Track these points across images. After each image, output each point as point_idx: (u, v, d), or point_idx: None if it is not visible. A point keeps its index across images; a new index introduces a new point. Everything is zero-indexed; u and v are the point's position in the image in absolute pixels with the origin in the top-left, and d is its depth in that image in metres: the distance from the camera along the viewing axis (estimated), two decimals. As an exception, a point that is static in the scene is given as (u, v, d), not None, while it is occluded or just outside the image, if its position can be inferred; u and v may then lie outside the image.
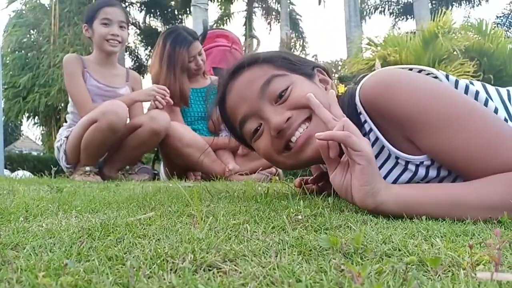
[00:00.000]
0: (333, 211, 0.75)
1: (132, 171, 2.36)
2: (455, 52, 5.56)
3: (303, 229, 0.60)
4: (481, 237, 0.58)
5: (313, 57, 11.90)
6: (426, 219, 0.70)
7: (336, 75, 9.82)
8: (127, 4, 12.43)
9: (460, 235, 0.59)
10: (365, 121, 0.86)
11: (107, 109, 2.05)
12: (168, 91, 2.27)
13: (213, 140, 2.38)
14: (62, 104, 9.74)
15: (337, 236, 0.52)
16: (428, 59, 5.83)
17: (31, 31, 11.01)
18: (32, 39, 10.88)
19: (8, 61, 10.23)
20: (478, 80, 2.40)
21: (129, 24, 2.55)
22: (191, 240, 0.52)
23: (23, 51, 10.50)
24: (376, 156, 0.88)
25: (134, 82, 2.54)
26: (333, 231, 0.60)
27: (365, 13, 15.07)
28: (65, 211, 0.79)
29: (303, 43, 14.50)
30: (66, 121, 2.45)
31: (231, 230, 0.59)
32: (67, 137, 2.26)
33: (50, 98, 9.71)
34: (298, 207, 0.72)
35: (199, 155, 2.23)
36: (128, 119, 2.31)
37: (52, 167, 1.94)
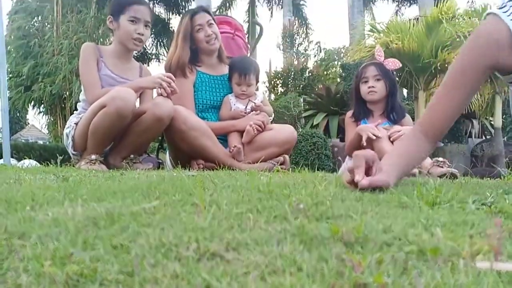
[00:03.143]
0: (334, 200, 0.75)
1: (136, 160, 2.37)
2: (458, 39, 5.47)
3: (304, 218, 0.61)
4: (481, 227, 0.59)
5: (316, 44, 11.74)
6: (427, 209, 0.70)
7: (339, 63, 9.72)
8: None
9: (460, 225, 0.59)
10: None
11: (115, 94, 2.07)
12: (174, 79, 2.26)
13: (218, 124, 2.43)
14: (67, 93, 9.74)
15: (338, 226, 0.52)
16: (431, 46, 5.72)
17: (34, 18, 10.93)
18: (35, 27, 10.82)
19: (10, 50, 10.18)
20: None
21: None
22: (195, 229, 0.53)
23: (26, 39, 10.44)
24: None
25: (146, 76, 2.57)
26: (334, 220, 0.60)
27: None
28: (71, 200, 0.80)
29: (306, 29, 14.31)
30: (76, 109, 2.48)
31: (234, 219, 0.59)
32: (76, 124, 2.28)
33: (55, 86, 9.69)
34: (300, 197, 0.73)
35: (204, 139, 2.24)
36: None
37: (58, 156, 1.96)
